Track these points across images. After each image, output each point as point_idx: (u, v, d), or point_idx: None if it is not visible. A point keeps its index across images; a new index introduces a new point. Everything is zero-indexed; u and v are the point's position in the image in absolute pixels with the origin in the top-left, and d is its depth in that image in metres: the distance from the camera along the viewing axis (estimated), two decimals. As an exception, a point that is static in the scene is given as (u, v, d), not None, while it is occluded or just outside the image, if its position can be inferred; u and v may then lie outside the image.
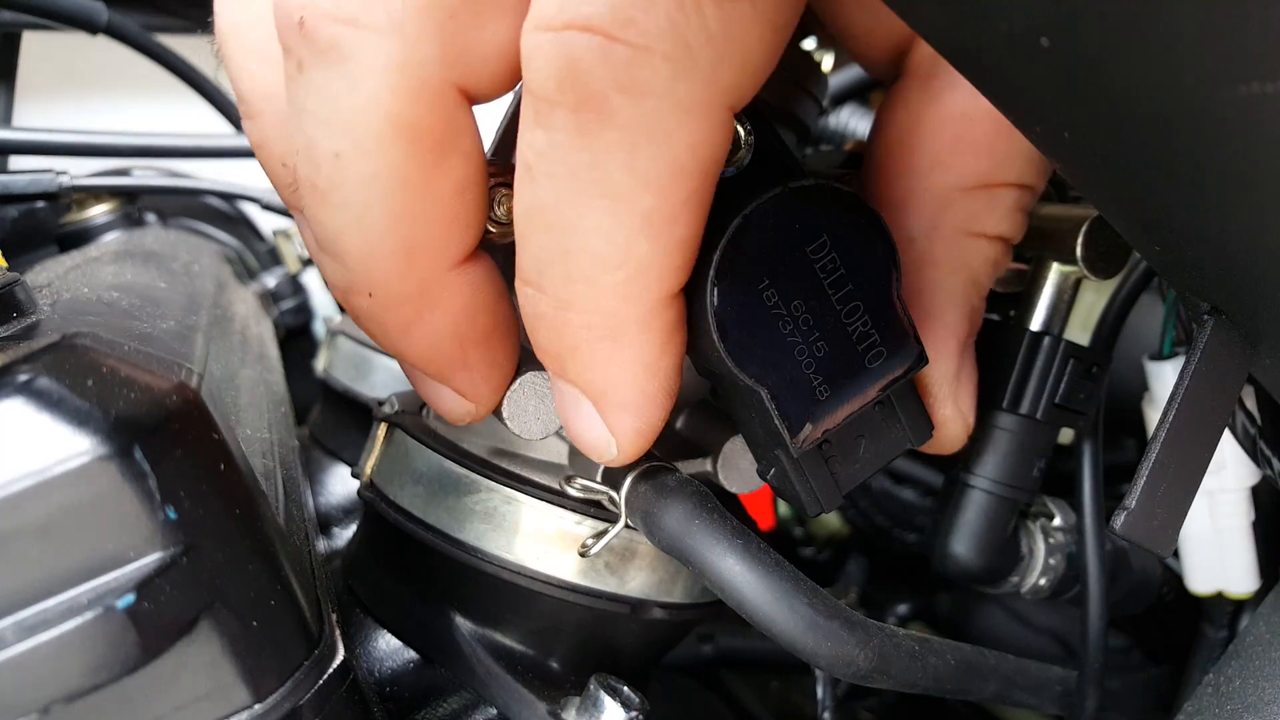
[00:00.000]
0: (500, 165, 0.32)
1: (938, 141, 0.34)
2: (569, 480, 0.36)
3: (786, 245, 0.29)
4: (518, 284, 0.28)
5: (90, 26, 0.70)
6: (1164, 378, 0.45)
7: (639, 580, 0.38)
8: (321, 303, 0.90)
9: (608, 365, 0.28)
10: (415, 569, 0.40)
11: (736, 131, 0.30)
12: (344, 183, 0.27)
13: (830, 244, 0.30)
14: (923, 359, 0.32)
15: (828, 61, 0.44)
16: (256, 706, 0.27)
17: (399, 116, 0.26)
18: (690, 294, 0.29)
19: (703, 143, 0.25)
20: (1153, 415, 0.46)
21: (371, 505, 0.41)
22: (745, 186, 0.30)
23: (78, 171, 0.68)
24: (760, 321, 0.29)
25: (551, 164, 0.25)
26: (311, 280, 0.89)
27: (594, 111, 0.24)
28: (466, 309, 0.30)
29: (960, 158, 0.34)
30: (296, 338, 0.87)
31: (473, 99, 0.28)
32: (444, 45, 0.26)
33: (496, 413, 0.36)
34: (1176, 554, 0.47)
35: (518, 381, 0.35)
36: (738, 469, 0.40)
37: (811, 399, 0.30)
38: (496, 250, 0.36)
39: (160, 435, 0.25)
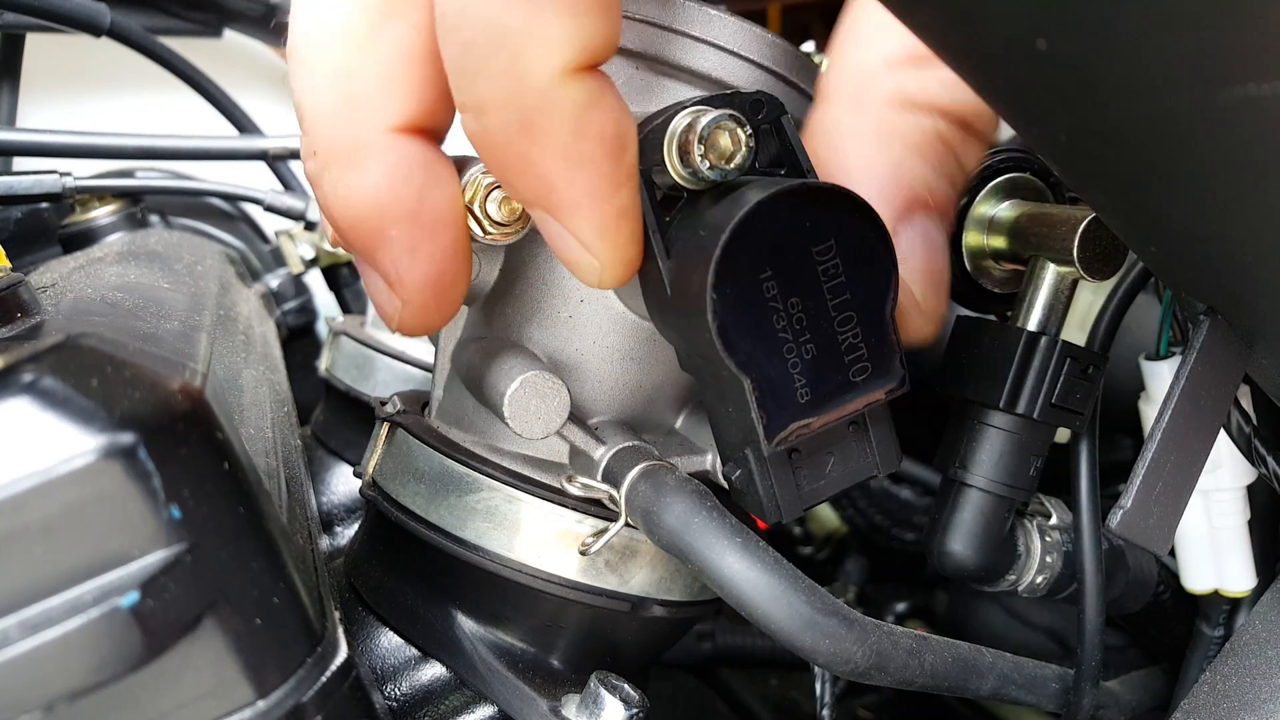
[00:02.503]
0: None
1: (862, 27, 0.34)
2: (570, 479, 0.37)
3: (795, 239, 0.29)
4: (463, 124, 0.28)
5: (94, 28, 0.70)
6: (1160, 377, 0.45)
7: (639, 578, 0.38)
8: (324, 303, 0.90)
9: (534, 160, 0.28)
10: (417, 567, 0.40)
11: (736, 134, 0.30)
12: (303, 39, 0.29)
13: (836, 248, 0.30)
14: (905, 384, 0.32)
15: (826, 63, 0.44)
16: (259, 703, 0.27)
17: None
18: (691, 270, 0.29)
19: None
20: (1149, 414, 0.46)
21: (374, 504, 0.41)
22: (765, 180, 0.30)
23: (81, 172, 0.68)
24: (755, 311, 0.30)
25: None
26: (314, 281, 0.90)
27: None
28: (391, 177, 0.30)
29: (884, 36, 0.33)
30: (299, 338, 0.87)
31: None
32: None
33: (498, 411, 0.36)
34: (1173, 552, 0.48)
35: (519, 381, 0.35)
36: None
37: (792, 400, 0.31)
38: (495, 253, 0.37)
39: (164, 435, 0.25)
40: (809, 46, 0.50)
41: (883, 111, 0.33)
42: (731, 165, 0.30)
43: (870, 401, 0.32)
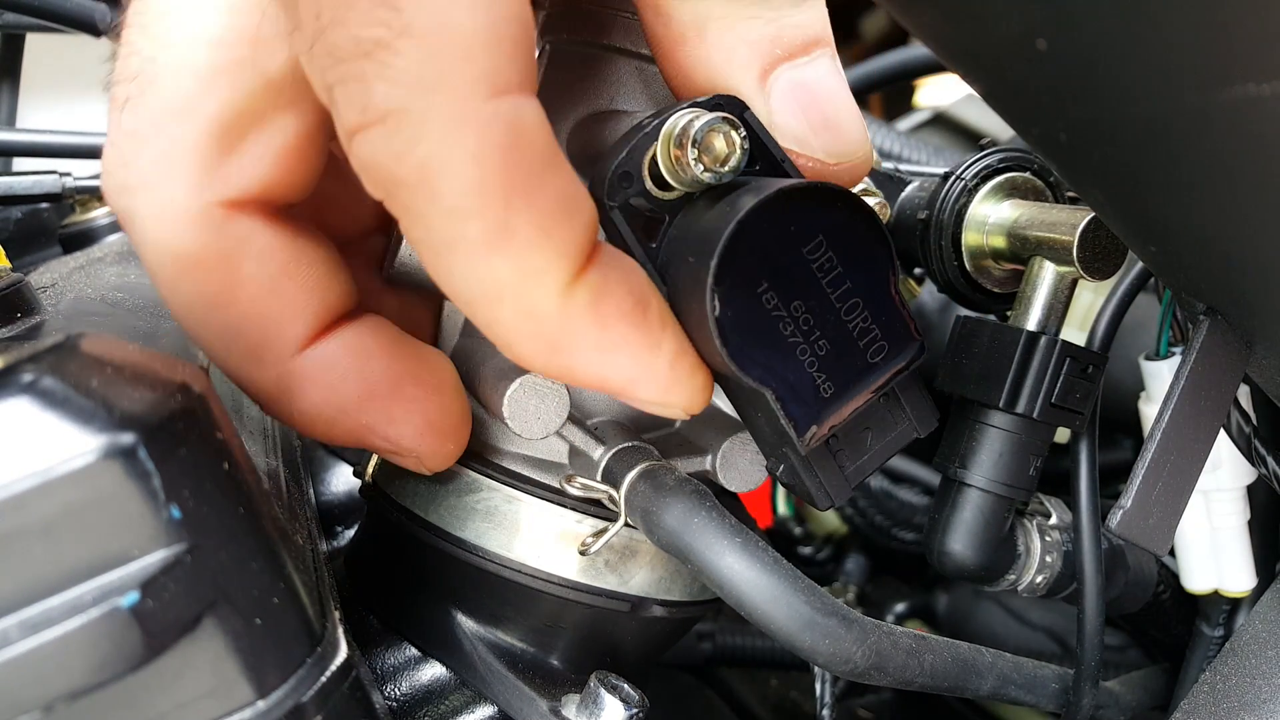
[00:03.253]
0: None
1: None
2: (569, 479, 0.37)
3: (783, 247, 0.29)
4: (346, 147, 0.27)
5: (94, 28, 0.70)
6: (1160, 377, 0.45)
7: (639, 578, 0.38)
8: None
9: (578, 369, 0.29)
10: (417, 567, 0.40)
11: (730, 135, 0.30)
12: (178, 316, 0.32)
13: (826, 243, 0.30)
14: (924, 350, 0.32)
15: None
16: (259, 704, 0.27)
17: (175, 249, 0.30)
18: (689, 298, 0.30)
19: None
20: (1149, 414, 0.46)
21: (373, 504, 0.41)
22: (739, 190, 0.30)
23: (81, 173, 0.68)
24: (761, 324, 0.30)
25: None
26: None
27: None
28: (330, 385, 0.32)
29: None
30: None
31: (267, 203, 0.31)
32: (198, 177, 0.30)
33: (497, 412, 0.36)
34: (1172, 552, 0.48)
35: (518, 381, 0.35)
36: (737, 467, 0.40)
37: (816, 397, 0.31)
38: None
39: (164, 434, 0.25)
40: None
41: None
42: (726, 167, 0.30)
43: (894, 375, 0.32)
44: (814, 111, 0.32)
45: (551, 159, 0.26)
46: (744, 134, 0.30)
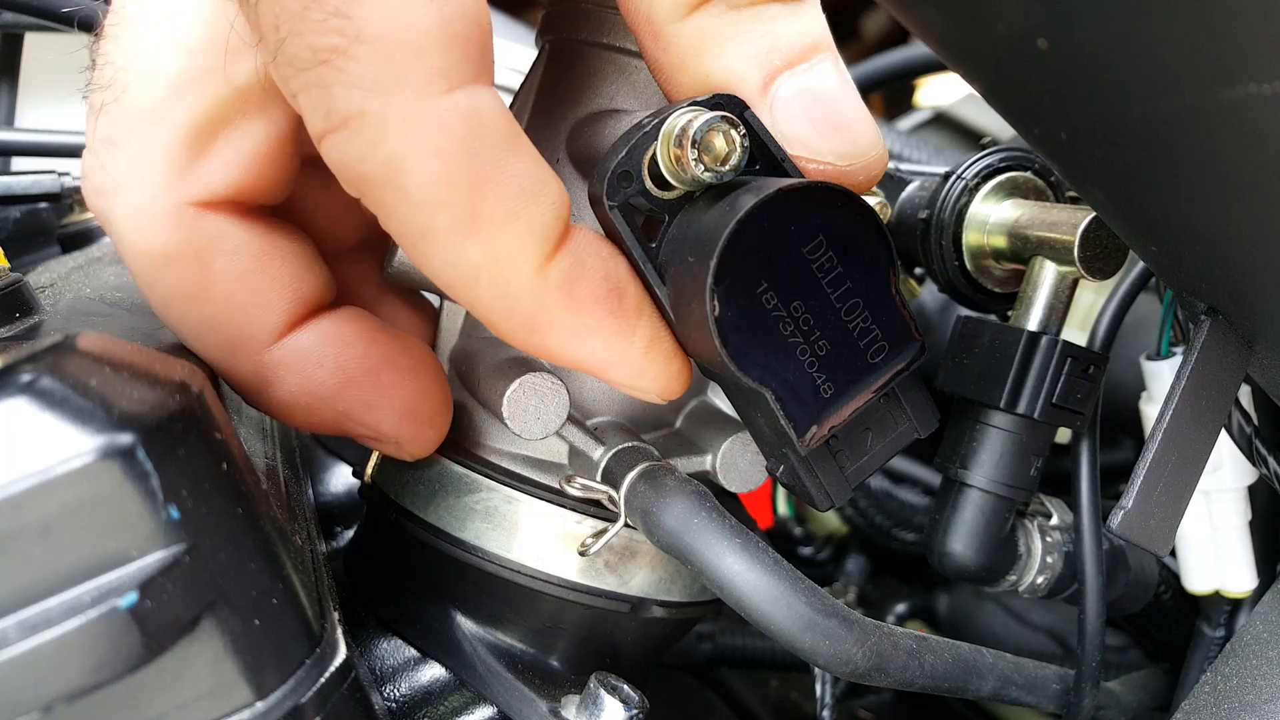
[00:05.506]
0: None
1: None
2: (569, 479, 0.36)
3: (783, 247, 0.29)
4: (320, 147, 0.27)
5: (93, 28, 0.70)
6: (1161, 377, 0.45)
7: (639, 579, 0.38)
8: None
9: (553, 347, 0.29)
10: (416, 568, 0.40)
11: (729, 135, 0.30)
12: (159, 312, 0.33)
13: (826, 243, 0.30)
14: (924, 350, 0.32)
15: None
16: (258, 704, 0.27)
17: (150, 247, 0.31)
18: (689, 298, 0.29)
19: None
20: (1150, 415, 0.46)
21: (373, 504, 0.41)
22: (739, 190, 0.30)
23: (80, 172, 0.68)
24: (761, 324, 0.29)
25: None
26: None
27: None
28: (306, 374, 0.33)
29: None
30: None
31: (238, 203, 0.32)
32: (170, 178, 0.31)
33: (497, 412, 0.36)
34: (1174, 553, 0.48)
35: (517, 381, 0.35)
36: (737, 468, 0.40)
37: (816, 398, 0.31)
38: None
39: (163, 435, 0.25)
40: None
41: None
42: (726, 167, 0.30)
43: (894, 376, 0.32)
44: (819, 115, 0.32)
45: (513, 144, 0.27)
46: (743, 133, 0.30)
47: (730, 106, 0.30)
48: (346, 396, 0.34)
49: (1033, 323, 0.40)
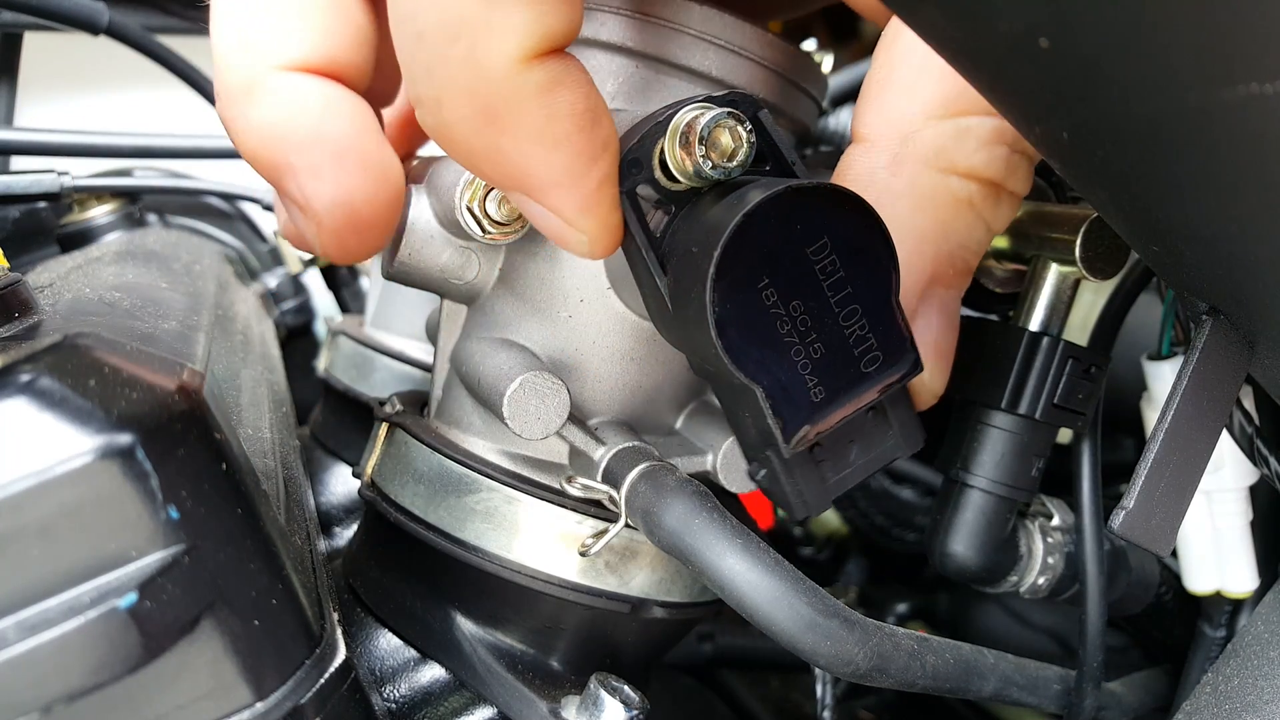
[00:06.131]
0: None
1: (904, 69, 0.33)
2: (569, 480, 0.36)
3: (787, 245, 0.29)
4: (419, 117, 0.28)
5: (92, 27, 0.70)
6: (1162, 377, 0.45)
7: (639, 579, 0.38)
8: (322, 303, 0.90)
9: (505, 148, 0.28)
10: (416, 568, 0.40)
11: (737, 132, 0.30)
12: None
13: (831, 245, 0.30)
14: (918, 366, 0.32)
15: (827, 63, 0.44)
16: (258, 705, 0.27)
17: None
18: (689, 289, 0.29)
19: None
20: (1151, 415, 0.46)
21: (372, 505, 0.41)
22: (748, 185, 0.30)
23: (79, 172, 0.68)
24: (758, 321, 0.29)
25: None
26: (313, 281, 0.89)
27: None
28: (282, 110, 0.31)
29: (926, 82, 0.33)
30: (298, 338, 0.87)
31: None
32: None
33: (497, 412, 0.36)
34: (1175, 553, 0.48)
35: (518, 381, 0.35)
36: (737, 468, 0.40)
37: (806, 400, 0.31)
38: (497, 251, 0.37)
39: (162, 435, 0.25)
40: (810, 45, 0.49)
41: (921, 174, 0.33)
42: (734, 163, 0.30)
43: (885, 388, 0.32)
44: (941, 337, 0.34)
45: None
46: (751, 130, 0.30)
47: (741, 105, 0.30)
48: (304, 150, 0.32)
49: (1034, 323, 0.40)
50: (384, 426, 0.42)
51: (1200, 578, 0.46)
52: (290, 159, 0.32)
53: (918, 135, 0.33)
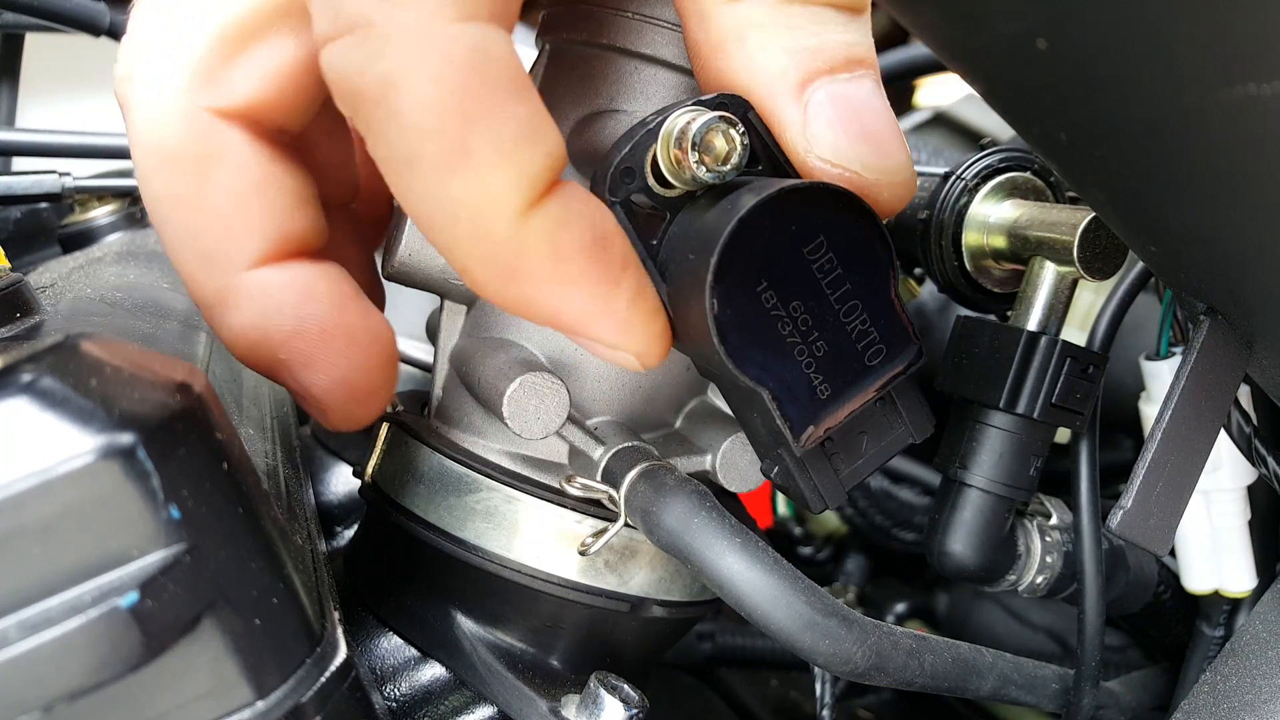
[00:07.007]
0: None
1: None
2: (569, 479, 0.37)
3: (783, 246, 0.29)
4: (321, 56, 0.27)
5: (93, 28, 0.70)
6: (1161, 377, 0.45)
7: (639, 578, 0.38)
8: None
9: (529, 296, 0.28)
10: (416, 567, 0.40)
11: (729, 134, 0.30)
12: (149, 208, 0.32)
13: (827, 244, 0.30)
14: (922, 355, 0.32)
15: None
16: (259, 704, 0.27)
17: (157, 142, 0.31)
18: (688, 296, 0.30)
19: None
20: (1149, 415, 0.46)
21: (373, 504, 0.41)
22: (740, 189, 0.30)
23: (80, 172, 0.68)
24: (759, 323, 0.29)
25: None
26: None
27: None
28: (260, 313, 0.32)
29: None
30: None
31: (254, 120, 0.32)
32: (193, 79, 0.31)
33: (497, 412, 0.36)
34: (1173, 553, 0.48)
35: (517, 381, 0.35)
36: (737, 468, 0.40)
37: (813, 399, 0.31)
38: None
39: (163, 434, 0.25)
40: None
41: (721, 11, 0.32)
42: (728, 166, 0.30)
43: (891, 379, 0.32)
44: (853, 124, 0.31)
45: (518, 88, 0.27)
46: (744, 133, 0.30)
47: (732, 107, 0.30)
48: (291, 347, 0.33)
49: (1032, 323, 0.40)
50: (385, 426, 0.42)
51: (1198, 577, 0.46)
52: (279, 356, 0.33)
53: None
